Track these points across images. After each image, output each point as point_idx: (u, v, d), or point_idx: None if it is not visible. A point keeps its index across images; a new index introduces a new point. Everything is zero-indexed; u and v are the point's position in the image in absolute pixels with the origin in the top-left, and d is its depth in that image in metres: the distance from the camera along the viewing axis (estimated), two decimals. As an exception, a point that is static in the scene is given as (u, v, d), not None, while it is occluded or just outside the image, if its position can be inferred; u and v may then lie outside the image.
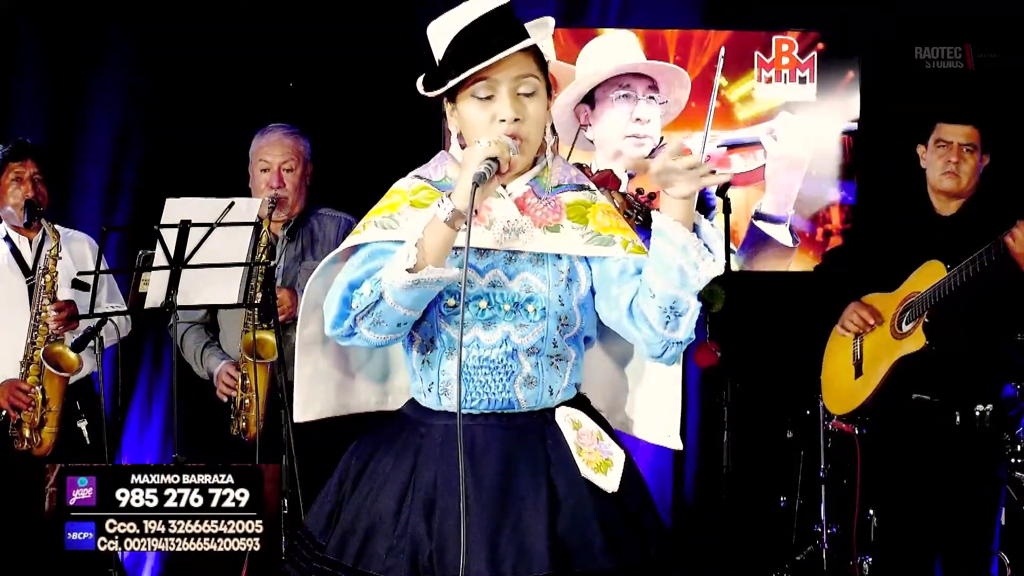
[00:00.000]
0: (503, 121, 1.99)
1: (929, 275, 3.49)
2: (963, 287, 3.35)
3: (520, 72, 2.00)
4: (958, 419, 3.48)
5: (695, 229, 1.99)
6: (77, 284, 3.39)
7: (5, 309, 3.83)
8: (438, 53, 2.05)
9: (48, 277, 3.72)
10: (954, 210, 3.61)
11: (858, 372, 3.68)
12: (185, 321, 3.76)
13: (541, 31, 2.06)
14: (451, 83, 2.00)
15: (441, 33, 2.03)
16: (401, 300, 1.95)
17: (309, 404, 2.17)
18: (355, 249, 2.08)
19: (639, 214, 3.37)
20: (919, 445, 3.52)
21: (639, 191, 3.49)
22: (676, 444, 2.17)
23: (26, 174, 3.81)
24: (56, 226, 3.81)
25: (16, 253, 3.88)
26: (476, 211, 1.92)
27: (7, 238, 3.89)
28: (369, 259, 2.04)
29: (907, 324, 3.53)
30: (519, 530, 1.96)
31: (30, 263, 3.86)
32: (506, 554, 1.94)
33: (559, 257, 2.08)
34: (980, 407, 3.48)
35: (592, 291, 2.10)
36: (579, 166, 4.51)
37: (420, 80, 2.08)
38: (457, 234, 1.92)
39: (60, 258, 3.73)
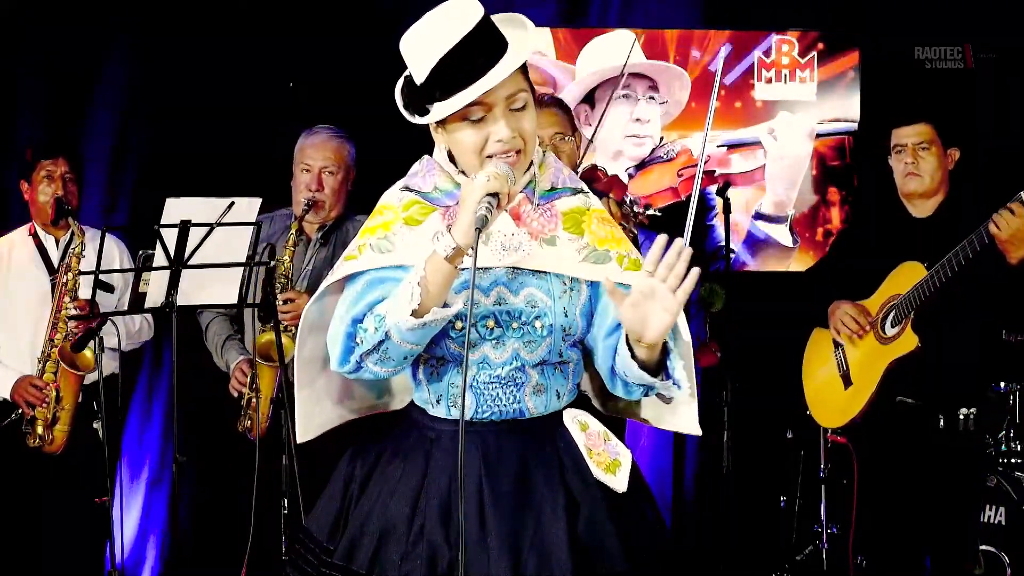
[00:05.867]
0: (500, 141, 1.94)
1: (908, 276, 3.45)
2: (947, 284, 3.32)
3: (511, 90, 1.94)
4: (942, 422, 3.47)
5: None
6: (101, 284, 3.39)
7: (28, 306, 3.85)
8: (418, 73, 1.94)
9: (70, 275, 3.73)
10: (929, 212, 3.59)
11: (847, 383, 3.63)
12: (212, 310, 3.77)
13: (515, 28, 1.99)
14: (445, 113, 1.93)
15: (418, 51, 1.94)
16: (408, 338, 1.93)
17: (308, 424, 2.15)
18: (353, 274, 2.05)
19: (635, 225, 3.35)
20: (904, 448, 3.51)
21: (633, 201, 3.47)
22: (695, 430, 2.15)
23: (57, 172, 3.84)
24: (84, 226, 3.83)
25: (43, 250, 3.90)
26: (472, 248, 1.86)
27: (35, 235, 3.91)
28: (368, 289, 2.01)
29: (893, 327, 3.48)
30: (539, 535, 1.95)
31: (55, 261, 3.88)
32: (528, 560, 1.93)
33: None
34: (964, 410, 3.46)
35: (591, 298, 2.08)
36: (593, 167, 4.54)
37: (399, 97, 2.01)
38: (458, 271, 1.87)
39: (84, 257, 3.73)
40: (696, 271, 1.84)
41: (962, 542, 3.53)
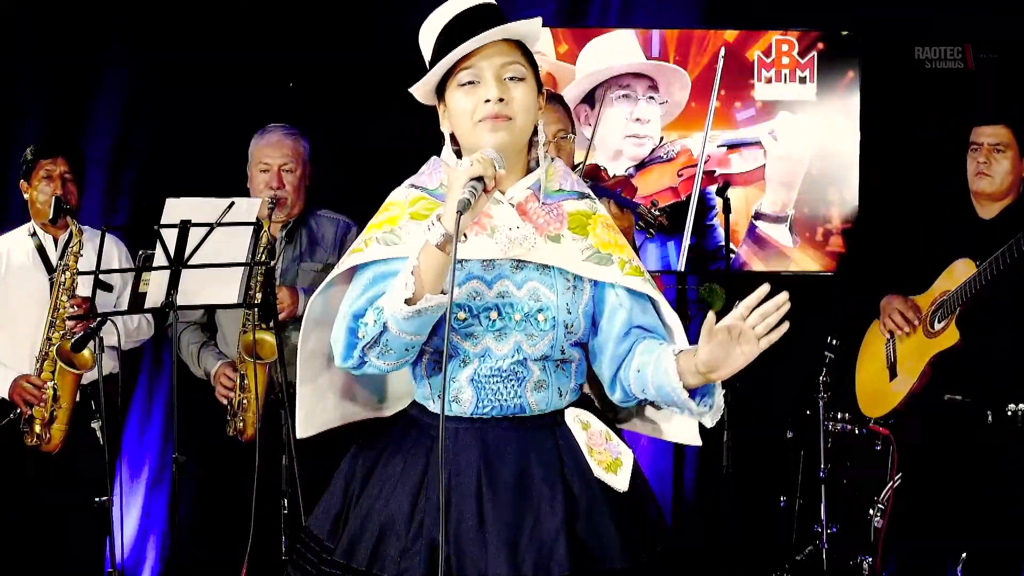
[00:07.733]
0: (488, 101, 1.98)
1: (960, 273, 3.48)
2: (992, 282, 3.33)
3: (505, 60, 2.00)
4: (990, 418, 3.46)
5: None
6: (100, 284, 3.40)
7: (26, 305, 3.85)
8: (427, 54, 2.07)
9: (68, 274, 3.73)
10: (994, 214, 3.59)
11: (892, 374, 3.65)
12: (182, 321, 3.76)
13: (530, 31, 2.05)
14: (434, 70, 2.01)
15: (428, 34, 2.05)
16: (405, 328, 1.95)
17: (310, 420, 2.17)
18: (356, 268, 2.07)
19: (649, 227, 3.35)
20: (951, 445, 3.51)
21: (653, 203, 3.48)
22: (695, 440, 2.19)
23: (56, 172, 3.85)
24: (84, 226, 3.82)
25: (41, 250, 3.90)
26: (464, 235, 1.90)
27: (34, 234, 3.91)
28: (371, 284, 2.04)
29: (939, 322, 3.52)
30: (538, 531, 1.96)
31: (54, 261, 3.88)
32: (526, 556, 1.94)
33: None
34: (1012, 406, 3.45)
35: (594, 300, 2.10)
36: (595, 168, 4.54)
37: (415, 87, 2.08)
38: (451, 257, 1.89)
39: (82, 256, 3.73)
40: (784, 327, 1.91)
41: (1008, 544, 3.50)
